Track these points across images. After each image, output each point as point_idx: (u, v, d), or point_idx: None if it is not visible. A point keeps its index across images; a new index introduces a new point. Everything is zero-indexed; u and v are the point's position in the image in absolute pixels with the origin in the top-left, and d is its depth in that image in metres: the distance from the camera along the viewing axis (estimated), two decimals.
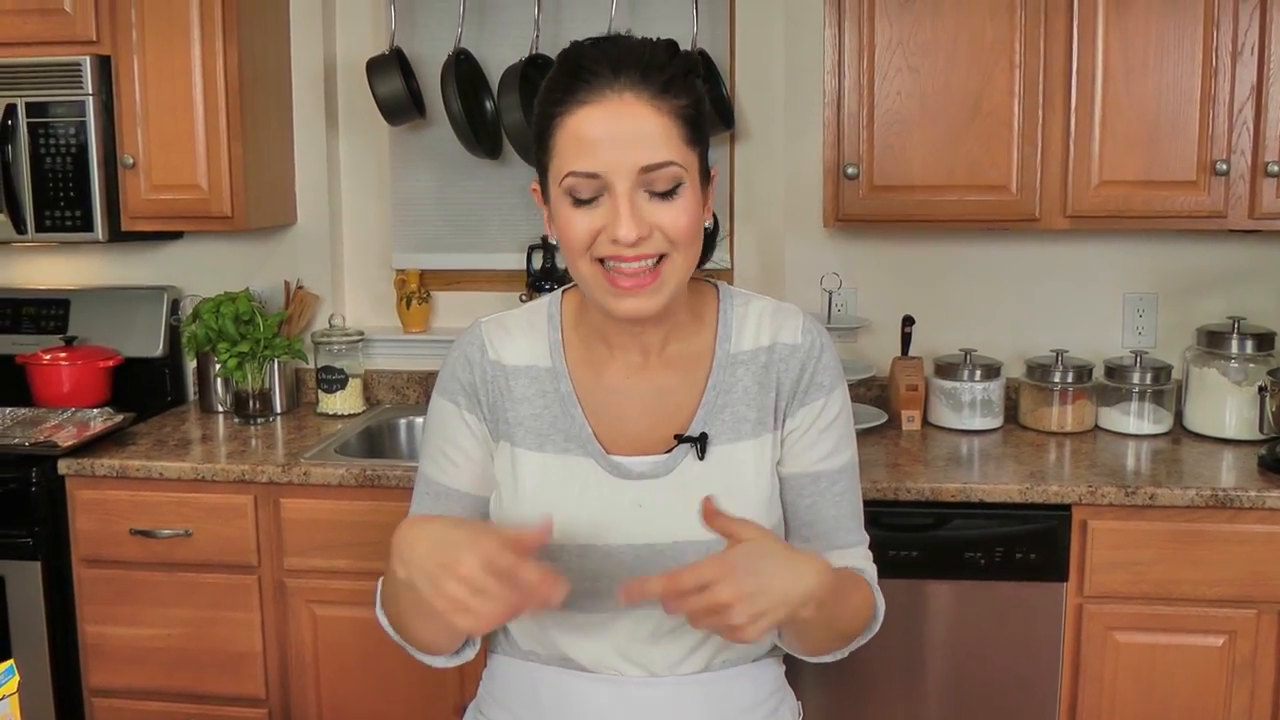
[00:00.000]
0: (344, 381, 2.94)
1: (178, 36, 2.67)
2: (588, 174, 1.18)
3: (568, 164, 1.19)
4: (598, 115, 1.18)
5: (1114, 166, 2.47)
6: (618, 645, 1.33)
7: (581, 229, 1.20)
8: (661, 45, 1.24)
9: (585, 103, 1.18)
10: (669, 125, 1.19)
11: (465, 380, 1.36)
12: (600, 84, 1.18)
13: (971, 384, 2.70)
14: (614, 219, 1.19)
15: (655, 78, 1.19)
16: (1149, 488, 2.24)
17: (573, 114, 1.19)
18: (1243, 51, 2.41)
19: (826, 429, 1.34)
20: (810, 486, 1.35)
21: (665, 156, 1.19)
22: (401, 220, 3.10)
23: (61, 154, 2.69)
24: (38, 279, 3.17)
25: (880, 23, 2.50)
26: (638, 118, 1.18)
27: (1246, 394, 2.56)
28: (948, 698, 2.35)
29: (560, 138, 1.20)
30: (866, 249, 2.90)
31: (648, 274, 1.21)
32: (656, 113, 1.18)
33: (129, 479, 2.49)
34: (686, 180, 1.21)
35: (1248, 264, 2.81)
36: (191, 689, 2.54)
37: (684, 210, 1.21)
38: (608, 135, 1.18)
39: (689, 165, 1.21)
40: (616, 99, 1.18)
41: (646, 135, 1.18)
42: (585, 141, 1.18)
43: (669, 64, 1.21)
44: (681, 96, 1.21)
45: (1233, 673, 2.27)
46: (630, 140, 1.18)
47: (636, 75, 1.19)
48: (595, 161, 1.18)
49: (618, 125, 1.18)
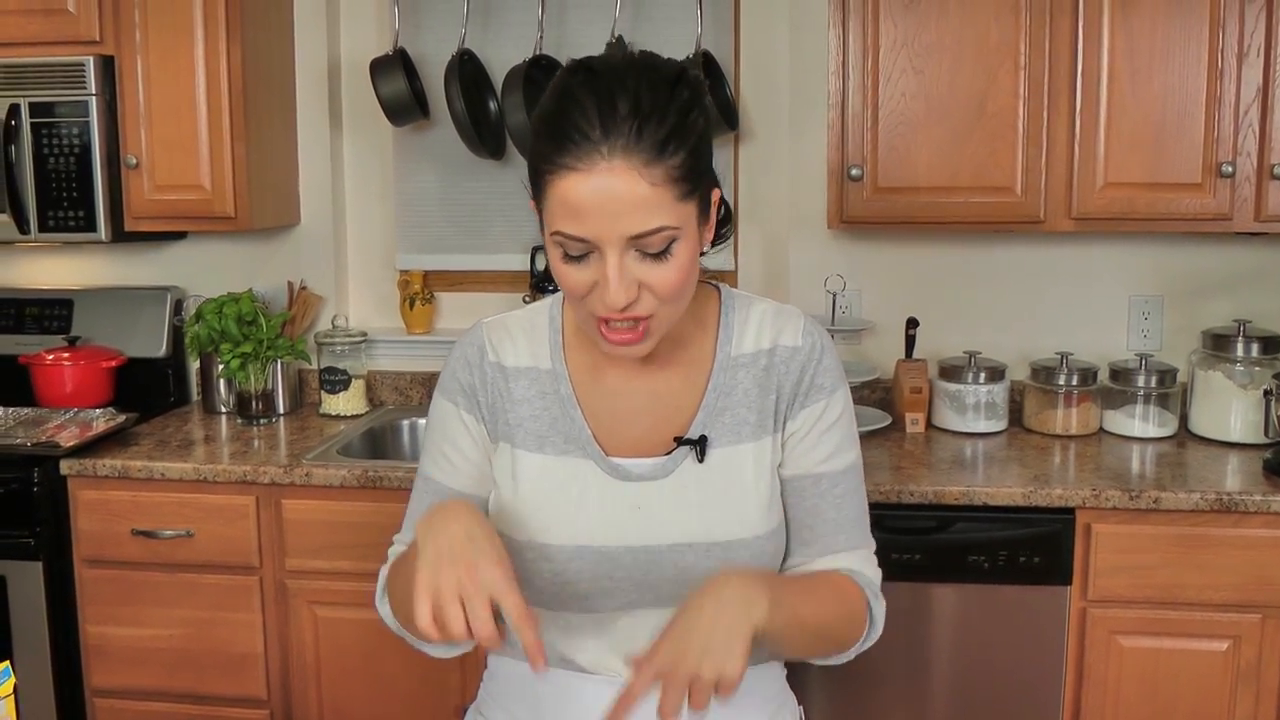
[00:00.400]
0: (347, 382, 2.94)
1: (181, 36, 2.67)
2: (576, 238, 1.16)
3: (557, 224, 1.17)
4: (586, 185, 1.13)
5: (1119, 168, 2.46)
6: (616, 647, 1.33)
7: (575, 282, 1.19)
8: (663, 85, 1.17)
9: (573, 169, 1.14)
10: (660, 192, 1.14)
11: (465, 381, 1.36)
12: (588, 149, 1.13)
13: (976, 386, 2.69)
14: (603, 284, 1.17)
15: (649, 139, 1.14)
16: (1153, 491, 2.23)
17: (561, 177, 1.15)
18: (1249, 53, 2.40)
19: (827, 431, 1.34)
20: (810, 489, 1.34)
21: (656, 224, 1.15)
22: (405, 221, 3.10)
23: (65, 154, 2.69)
24: (41, 279, 3.17)
25: (885, 24, 2.49)
26: (627, 186, 1.13)
27: (1252, 397, 2.55)
28: (951, 701, 2.34)
29: (550, 196, 1.17)
30: (871, 251, 2.89)
31: (635, 331, 1.21)
32: (648, 182, 1.14)
33: (131, 479, 2.49)
34: (680, 237, 1.17)
35: (1253, 267, 2.79)
36: (193, 690, 2.54)
37: (675, 269, 1.18)
38: (595, 205, 1.14)
39: (684, 221, 1.17)
40: (606, 167, 1.13)
41: (637, 205, 1.14)
42: (573, 207, 1.15)
43: (666, 115, 1.15)
44: (677, 154, 1.15)
45: (1237, 678, 2.26)
46: (619, 211, 1.14)
47: (629, 138, 1.13)
48: (583, 228, 1.15)
49: (606, 196, 1.13)
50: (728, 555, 1.28)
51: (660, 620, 1.30)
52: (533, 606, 1.33)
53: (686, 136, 1.17)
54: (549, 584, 1.30)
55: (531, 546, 1.29)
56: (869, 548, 1.38)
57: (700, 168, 1.20)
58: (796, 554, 1.36)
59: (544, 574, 1.30)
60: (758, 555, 1.30)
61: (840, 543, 1.35)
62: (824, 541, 1.34)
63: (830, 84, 2.54)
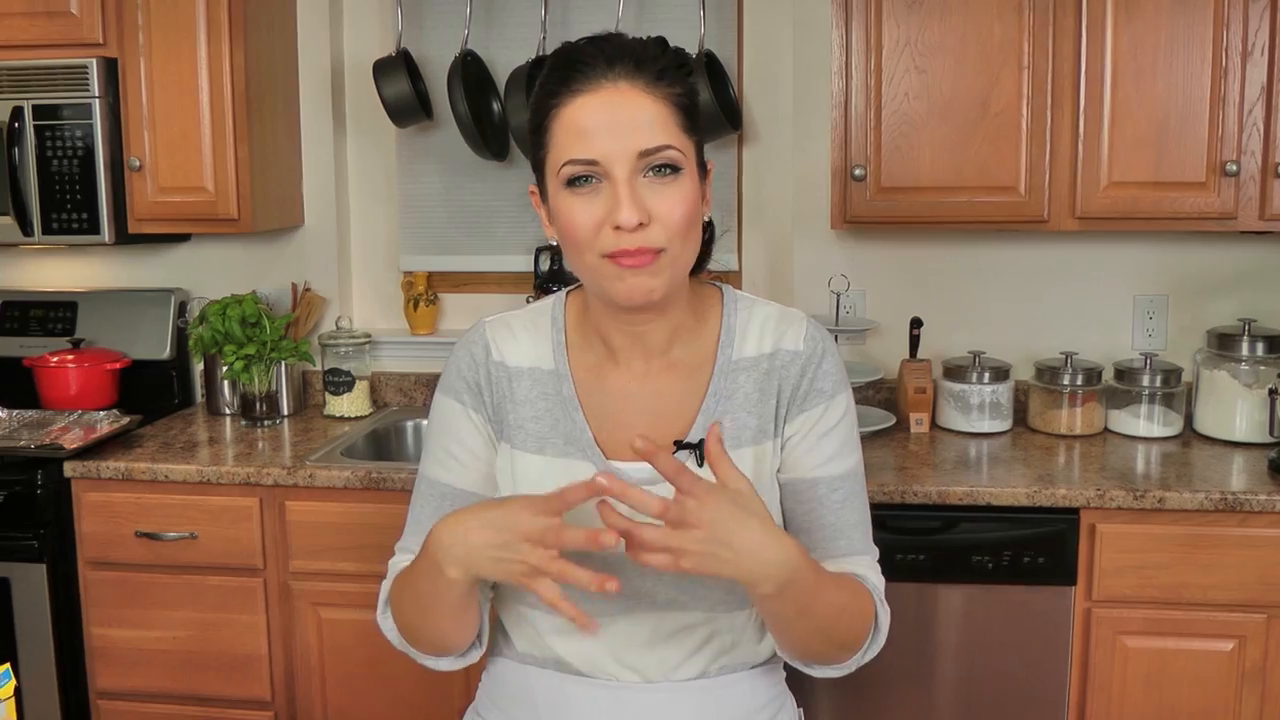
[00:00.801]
0: (351, 384, 2.94)
1: (184, 39, 2.67)
2: (587, 161, 1.19)
3: (566, 153, 1.20)
4: (594, 103, 1.19)
5: (1123, 167, 2.46)
6: (614, 650, 1.33)
7: (584, 219, 1.21)
8: (653, 41, 1.26)
9: (581, 92, 1.20)
10: (665, 111, 1.21)
11: (470, 379, 1.36)
12: (595, 74, 1.20)
13: (980, 386, 2.69)
14: (615, 205, 1.19)
15: (649, 67, 1.21)
16: (1158, 491, 2.22)
17: (569, 104, 1.20)
18: (1253, 51, 2.39)
19: (826, 434, 1.33)
20: (808, 492, 1.33)
21: (662, 140, 1.20)
22: (409, 222, 3.10)
23: (68, 156, 2.70)
24: (45, 281, 3.18)
25: (888, 24, 2.49)
26: (634, 104, 1.20)
27: (1257, 396, 2.55)
28: (955, 702, 2.34)
29: (557, 129, 1.21)
30: (874, 251, 2.89)
31: (648, 255, 1.21)
32: (652, 99, 1.20)
33: (135, 481, 2.49)
34: (685, 166, 1.22)
35: (1258, 266, 2.79)
36: (197, 691, 2.54)
37: (682, 199, 1.21)
38: (605, 122, 1.19)
39: (686, 151, 1.22)
40: (612, 87, 1.20)
41: (643, 121, 1.19)
42: (583, 129, 1.19)
43: (661, 56, 1.24)
44: (675, 85, 1.23)
45: (1242, 678, 2.25)
46: (627, 126, 1.19)
47: (631, 65, 1.21)
48: (593, 149, 1.19)
49: (614, 112, 1.19)
50: None
51: (656, 624, 1.31)
52: (530, 609, 1.33)
53: (683, 79, 1.25)
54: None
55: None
56: (871, 554, 1.36)
57: (696, 115, 1.26)
58: None
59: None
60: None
61: (839, 548, 1.33)
62: (822, 547, 1.33)
63: (833, 84, 2.54)
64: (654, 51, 1.24)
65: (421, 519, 1.37)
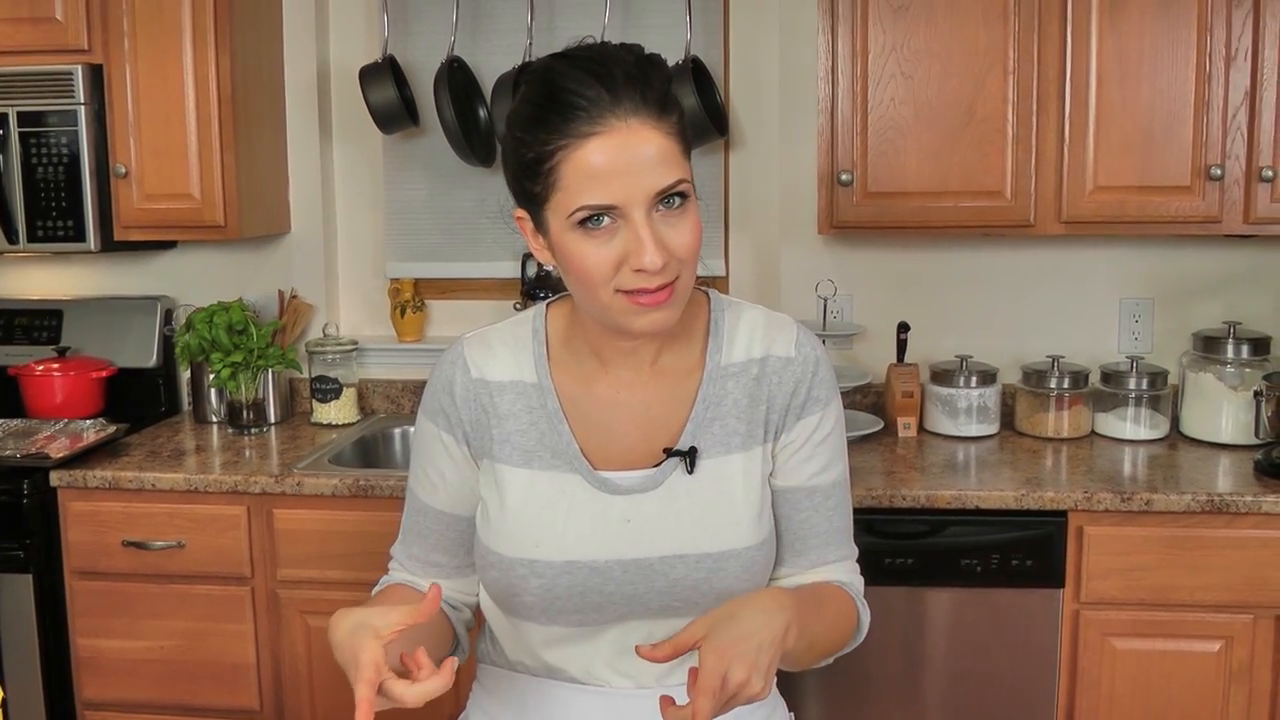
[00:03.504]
0: (338, 391, 2.93)
1: (170, 45, 2.67)
2: (604, 206, 1.15)
3: (579, 198, 1.15)
4: (607, 146, 1.14)
5: (1109, 172, 2.47)
6: (606, 657, 1.32)
7: (600, 260, 1.17)
8: (649, 63, 1.20)
9: (591, 135, 1.14)
10: (672, 144, 1.17)
11: (445, 404, 1.35)
12: (602, 111, 1.14)
13: (967, 390, 2.69)
14: (638, 248, 1.15)
15: (653, 94, 1.16)
16: (1145, 493, 2.23)
17: (579, 147, 1.14)
18: (1236, 56, 2.41)
19: (821, 443, 1.33)
20: (804, 501, 1.34)
21: (675, 175, 1.17)
22: (395, 229, 3.10)
23: (53, 163, 2.68)
24: (30, 289, 3.16)
25: (874, 29, 2.50)
26: (646, 143, 1.15)
27: (1242, 399, 2.56)
28: (944, 705, 2.34)
29: (566, 171, 1.15)
30: (861, 256, 2.89)
31: (666, 290, 1.19)
32: (661, 134, 1.16)
33: (122, 490, 2.48)
34: (691, 193, 1.19)
35: (1243, 269, 2.80)
36: (185, 701, 2.53)
37: (692, 227, 1.19)
38: (621, 166, 1.14)
39: (691, 177, 1.20)
40: (623, 126, 1.14)
41: (657, 159, 1.15)
42: (597, 174, 1.14)
43: (656, 77, 1.18)
44: (674, 110, 1.19)
45: (1229, 679, 2.26)
46: (643, 167, 1.14)
47: (637, 98, 1.15)
48: (611, 194, 1.14)
49: (629, 154, 1.14)
50: (719, 566, 1.28)
51: (650, 630, 1.30)
52: (521, 620, 1.33)
53: (676, 98, 1.21)
54: (538, 599, 1.29)
55: (521, 562, 1.28)
56: (854, 556, 1.40)
57: (689, 134, 1.23)
58: (788, 564, 1.36)
59: (533, 589, 1.28)
60: (748, 565, 1.29)
61: (831, 555, 1.36)
62: (816, 554, 1.35)
63: (819, 89, 2.55)
64: (653, 77, 1.18)
65: (409, 526, 1.41)
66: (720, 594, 1.28)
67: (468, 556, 1.39)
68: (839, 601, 1.34)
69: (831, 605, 1.33)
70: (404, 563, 1.42)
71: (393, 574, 1.43)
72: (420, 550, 1.40)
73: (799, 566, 1.35)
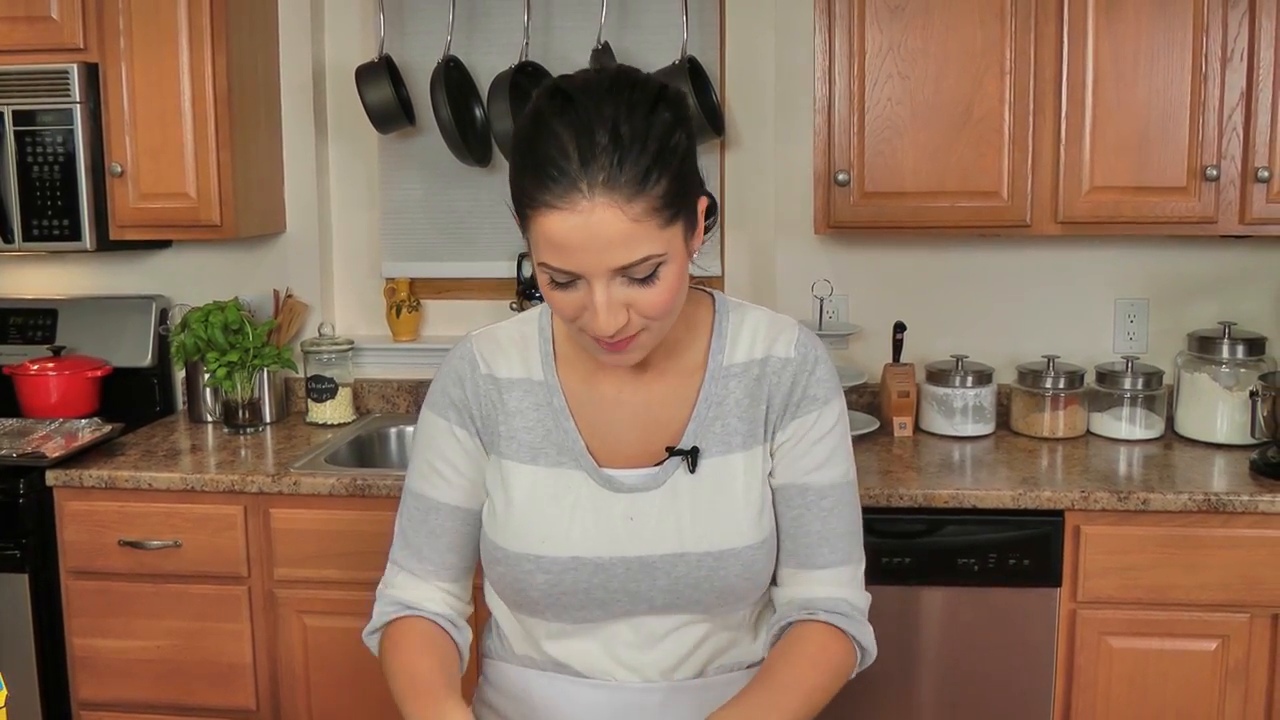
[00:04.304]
0: (334, 391, 2.93)
1: (166, 44, 2.66)
2: (564, 272, 1.15)
3: (542, 255, 1.16)
4: (569, 225, 1.11)
5: (1105, 172, 2.48)
6: (612, 651, 1.33)
7: (564, 306, 1.19)
8: (642, 108, 1.15)
9: (554, 207, 1.12)
10: (644, 225, 1.12)
11: (456, 397, 1.35)
12: (567, 186, 1.11)
13: (963, 390, 2.70)
14: (592, 314, 1.16)
15: (630, 170, 1.11)
16: (1141, 493, 2.24)
17: (543, 215, 1.13)
18: (1232, 57, 2.42)
19: (817, 442, 1.33)
20: (797, 498, 1.33)
21: (641, 255, 1.14)
22: (391, 228, 3.09)
23: (49, 162, 2.68)
24: (25, 289, 3.15)
25: (871, 29, 2.50)
26: (609, 226, 1.11)
27: (1238, 398, 2.57)
28: (941, 704, 2.35)
29: (532, 230, 1.16)
30: (857, 256, 2.90)
31: (627, 341, 1.21)
32: (629, 218, 1.11)
33: (118, 490, 2.47)
34: (667, 260, 1.16)
35: (1238, 269, 2.81)
36: (181, 701, 2.52)
37: (662, 291, 1.17)
38: (579, 242, 1.12)
39: (669, 245, 1.16)
40: (587, 206, 1.11)
41: (620, 240, 1.12)
42: (557, 245, 1.13)
43: (647, 143, 1.13)
44: (660, 181, 1.13)
45: (1226, 677, 2.27)
46: (604, 246, 1.12)
47: (610, 171, 1.11)
48: (569, 263, 1.14)
49: (591, 234, 1.11)
50: (720, 565, 1.28)
51: (654, 626, 1.31)
52: (527, 616, 1.34)
53: (669, 161, 1.14)
54: (544, 594, 1.30)
55: (527, 558, 1.29)
56: (856, 564, 1.35)
57: (685, 188, 1.18)
58: (782, 564, 1.35)
59: (539, 584, 1.29)
60: (749, 564, 1.30)
61: (823, 556, 1.33)
62: (805, 554, 1.33)
63: (816, 89, 2.55)
64: (639, 142, 1.12)
65: (407, 531, 1.38)
66: (721, 591, 1.29)
67: (475, 554, 1.39)
68: (823, 663, 1.29)
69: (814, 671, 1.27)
70: (413, 570, 1.37)
71: (395, 592, 1.38)
72: (432, 553, 1.36)
73: (790, 567, 1.34)
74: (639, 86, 1.17)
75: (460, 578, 1.39)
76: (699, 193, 1.23)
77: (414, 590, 1.37)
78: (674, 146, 1.16)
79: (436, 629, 1.35)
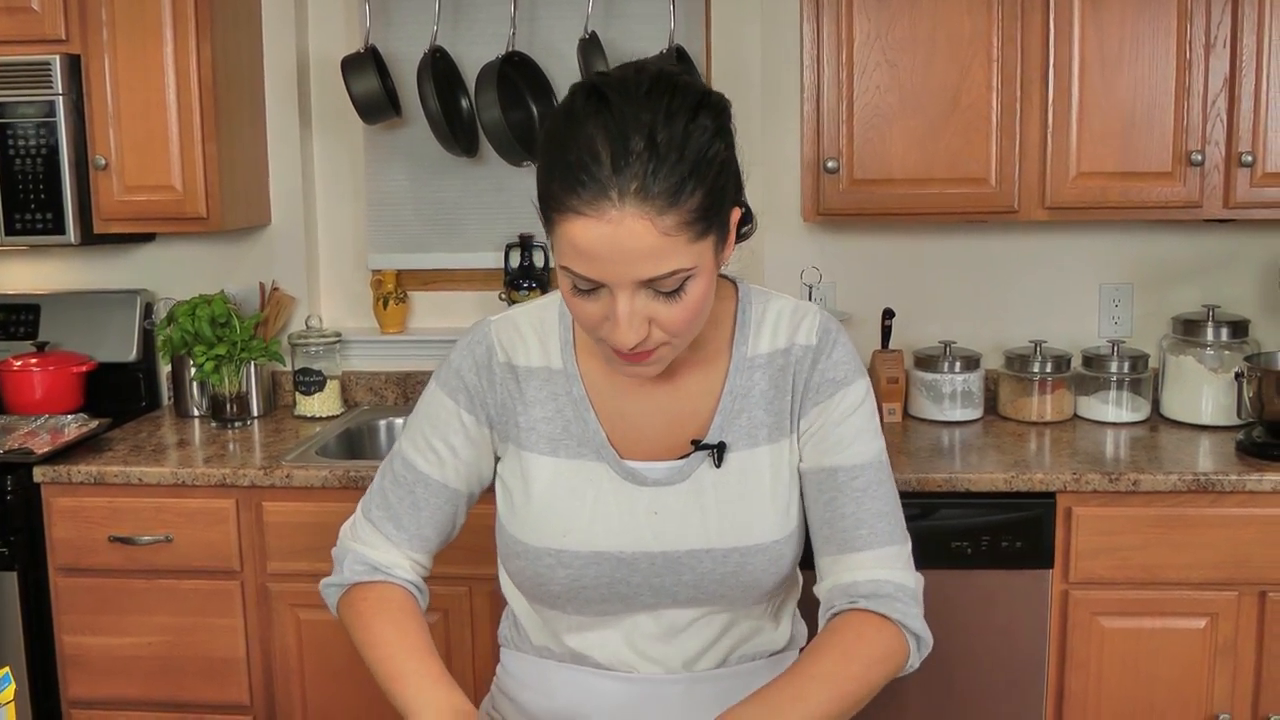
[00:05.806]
0: (321, 383, 2.91)
1: (149, 35, 2.63)
2: (587, 280, 1.12)
3: (565, 260, 1.13)
4: (598, 233, 1.08)
5: (1091, 158, 2.50)
6: (634, 643, 1.31)
7: (585, 314, 1.16)
8: (681, 116, 1.10)
9: (582, 214, 1.08)
10: (674, 239, 1.09)
11: (471, 383, 1.32)
12: (597, 193, 1.07)
13: (951, 376, 2.72)
14: (613, 325, 1.13)
15: (664, 182, 1.07)
16: (1132, 474, 2.27)
17: (569, 220, 1.09)
18: (1215, 44, 2.45)
19: (842, 422, 1.30)
20: (828, 482, 1.29)
21: (669, 269, 1.10)
22: (377, 220, 3.08)
23: (31, 155, 2.64)
24: (7, 284, 3.11)
25: (858, 17, 2.51)
26: (638, 236, 1.07)
27: (1222, 380, 2.60)
28: (935, 686, 2.37)
29: (557, 234, 1.12)
30: (846, 242, 2.91)
31: (646, 354, 1.18)
32: (659, 231, 1.08)
33: (107, 485, 2.45)
34: (695, 275, 1.13)
35: (1222, 253, 2.85)
36: (174, 698, 2.50)
37: (687, 307, 1.14)
38: (605, 252, 1.09)
39: (698, 259, 1.12)
40: (616, 215, 1.07)
41: (648, 253, 1.09)
42: (584, 252, 1.10)
43: (684, 153, 1.09)
44: (694, 194, 1.09)
45: (1215, 654, 2.30)
46: (632, 258, 1.09)
47: (643, 181, 1.07)
48: (593, 272, 1.11)
49: (619, 244, 1.08)
50: (746, 560, 1.27)
51: (676, 617, 1.30)
52: (547, 608, 1.32)
53: (705, 173, 1.10)
54: (565, 588, 1.28)
55: (548, 552, 1.27)
56: (899, 545, 1.30)
57: (720, 201, 1.13)
58: (821, 552, 1.31)
59: (560, 579, 1.27)
60: (776, 559, 1.28)
61: (861, 539, 1.27)
62: (843, 538, 1.28)
63: (804, 77, 2.56)
64: (675, 152, 1.08)
65: (389, 493, 1.35)
66: (747, 586, 1.28)
67: (450, 532, 1.37)
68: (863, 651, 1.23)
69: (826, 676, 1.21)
70: (388, 535, 1.34)
71: (365, 549, 1.35)
72: (411, 523, 1.34)
73: (829, 553, 1.29)
74: (680, 91, 1.13)
75: (431, 550, 1.37)
76: (734, 203, 1.19)
77: (385, 554, 1.34)
78: (711, 157, 1.11)
79: (412, 601, 1.33)
